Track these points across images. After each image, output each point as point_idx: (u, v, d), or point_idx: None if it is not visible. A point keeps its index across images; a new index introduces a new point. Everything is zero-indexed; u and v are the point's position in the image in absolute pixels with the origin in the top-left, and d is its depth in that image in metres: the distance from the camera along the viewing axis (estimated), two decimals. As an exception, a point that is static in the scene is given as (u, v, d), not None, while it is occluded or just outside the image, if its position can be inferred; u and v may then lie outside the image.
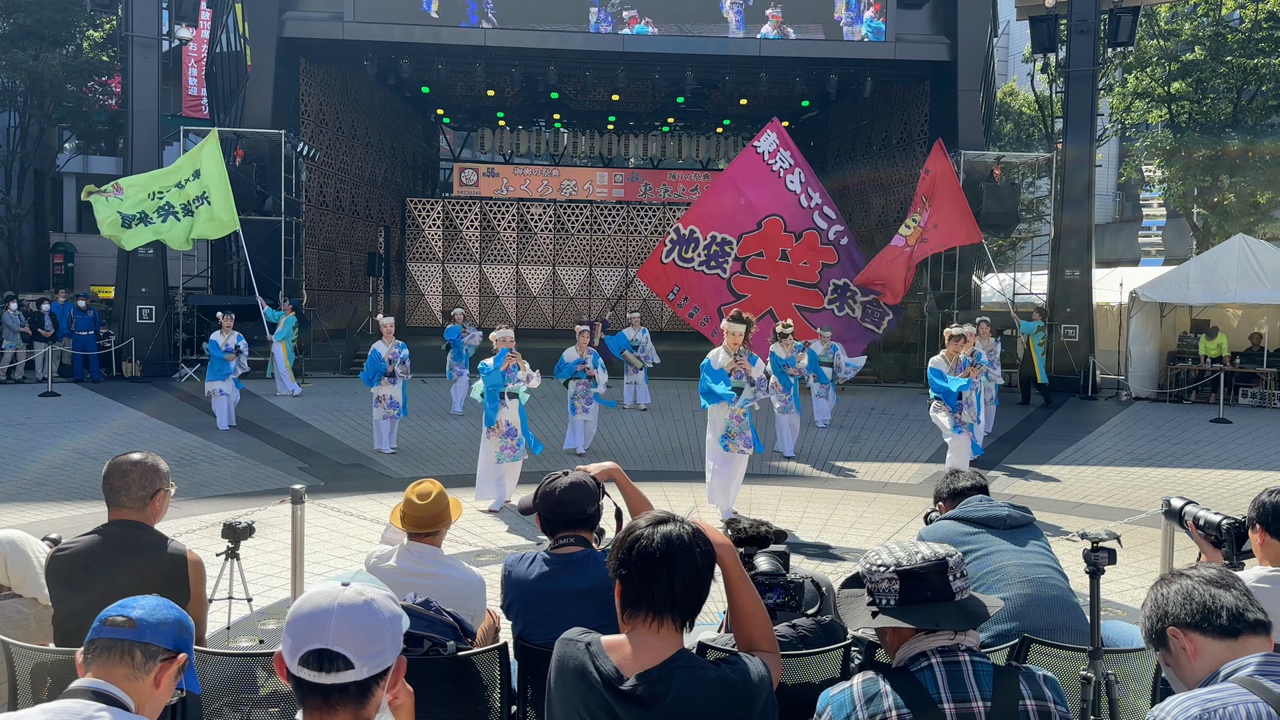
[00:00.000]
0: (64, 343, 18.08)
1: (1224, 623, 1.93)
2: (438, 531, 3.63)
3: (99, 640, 2.02)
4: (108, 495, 3.23)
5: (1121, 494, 9.83)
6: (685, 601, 2.06)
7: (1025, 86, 32.81)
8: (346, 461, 11.03)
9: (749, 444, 8.20)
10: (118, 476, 3.21)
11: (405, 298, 25.86)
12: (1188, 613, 1.96)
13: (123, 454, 3.30)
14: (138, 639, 2.02)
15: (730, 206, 14.56)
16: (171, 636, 2.08)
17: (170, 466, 3.42)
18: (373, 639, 1.63)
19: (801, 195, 14.81)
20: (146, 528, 3.23)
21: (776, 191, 14.67)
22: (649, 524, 2.09)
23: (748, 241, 14.62)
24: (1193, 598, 1.97)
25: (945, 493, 3.95)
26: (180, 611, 2.15)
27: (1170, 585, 2.02)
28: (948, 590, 2.06)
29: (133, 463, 3.24)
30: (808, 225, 14.90)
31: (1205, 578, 2.00)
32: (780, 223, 14.76)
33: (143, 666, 2.02)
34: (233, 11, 22.06)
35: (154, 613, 2.08)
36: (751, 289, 14.57)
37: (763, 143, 14.84)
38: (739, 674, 2.06)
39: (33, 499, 8.80)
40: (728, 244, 14.54)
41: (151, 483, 3.23)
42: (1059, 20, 19.11)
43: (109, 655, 2.00)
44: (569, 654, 2.11)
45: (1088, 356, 18.15)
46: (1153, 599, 2.04)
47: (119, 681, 1.99)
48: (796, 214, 14.84)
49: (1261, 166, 24.07)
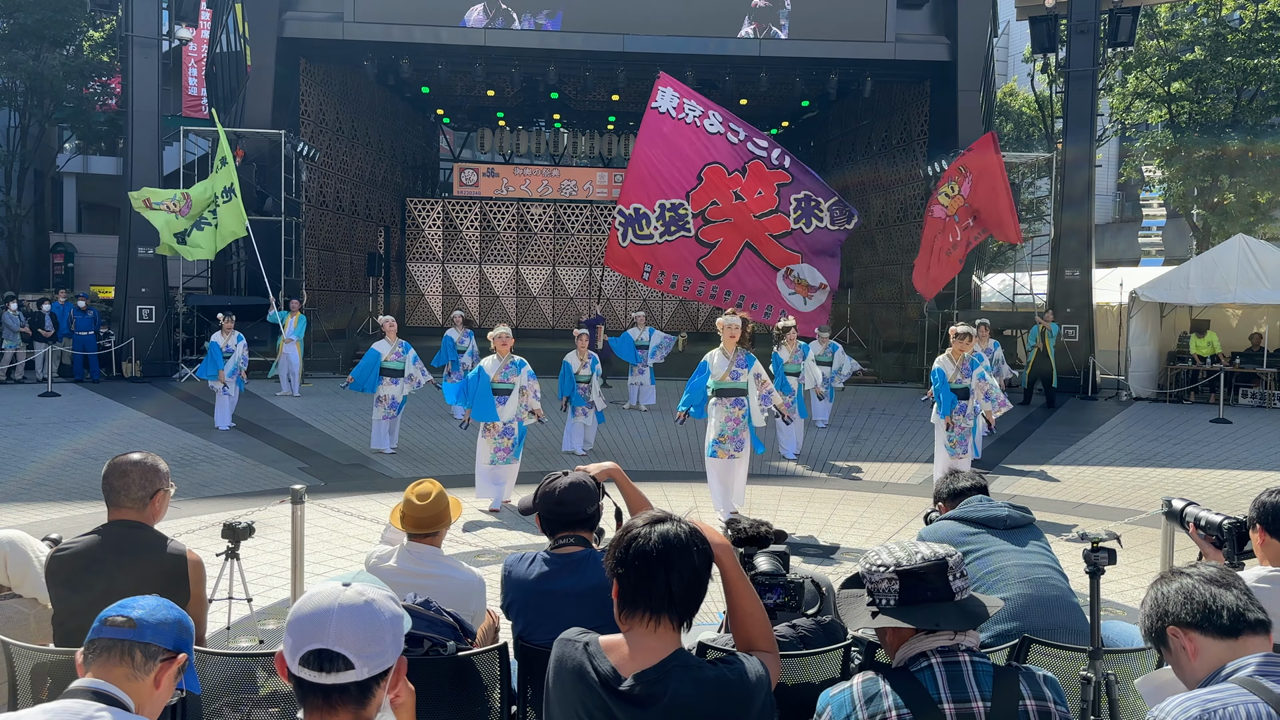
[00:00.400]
0: (64, 343, 18.08)
1: (1224, 622, 1.92)
2: (437, 532, 3.63)
3: (99, 640, 2.03)
4: (107, 495, 3.23)
5: (1121, 494, 9.83)
6: (682, 601, 2.06)
7: (1025, 87, 32.81)
8: (346, 462, 11.02)
9: (739, 447, 8.18)
10: (117, 476, 3.21)
11: (405, 298, 25.86)
12: (1188, 612, 1.96)
13: (122, 454, 3.30)
14: (138, 639, 2.02)
15: (664, 171, 14.00)
16: (171, 637, 2.08)
17: (170, 466, 3.42)
18: (373, 639, 1.63)
19: (727, 134, 14.30)
20: (146, 528, 3.23)
21: (702, 140, 14.12)
22: (646, 523, 2.09)
23: (696, 197, 14.09)
24: (1193, 597, 1.96)
25: (945, 493, 3.95)
26: (180, 612, 2.15)
27: (1170, 584, 2.02)
28: (948, 590, 2.07)
29: (132, 463, 3.24)
30: (747, 158, 14.38)
31: (1206, 577, 1.99)
32: (720, 169, 14.23)
33: (143, 667, 2.02)
34: (233, 11, 22.04)
35: (154, 613, 2.08)
36: (720, 234, 14.12)
37: (662, 100, 14.29)
38: (736, 674, 2.06)
39: (33, 499, 8.80)
40: (680, 206, 14.05)
41: (151, 483, 3.23)
42: (1059, 20, 19.11)
43: (109, 655, 2.01)
44: (567, 654, 2.11)
45: (1088, 357, 18.15)
46: (1153, 597, 2.04)
47: (119, 682, 1.99)
48: (730, 153, 14.26)
49: (1261, 166, 24.08)
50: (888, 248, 22.46)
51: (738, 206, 13.90)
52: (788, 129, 28.81)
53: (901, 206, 21.75)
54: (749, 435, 8.29)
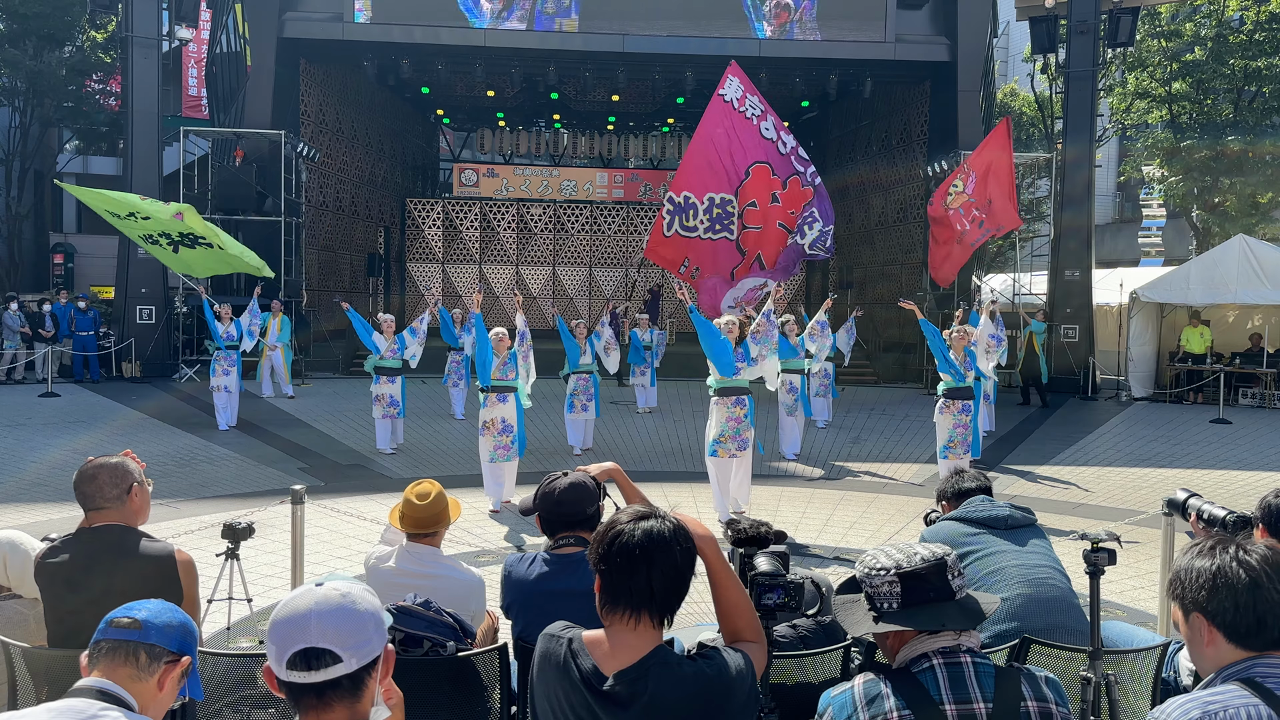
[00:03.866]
0: (64, 343, 18.08)
1: (1254, 635, 1.86)
2: (436, 532, 3.63)
3: (104, 641, 2.04)
4: (83, 502, 3.18)
5: (1121, 494, 9.83)
6: (663, 598, 2.05)
7: (1026, 87, 32.81)
8: (346, 462, 11.02)
9: (742, 447, 8.18)
10: (86, 482, 3.18)
11: (405, 298, 25.86)
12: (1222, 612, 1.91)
13: (89, 459, 3.26)
14: (142, 640, 2.04)
15: (718, 163, 13.84)
16: (176, 639, 2.09)
17: (170, 467, 3.42)
18: (356, 630, 1.64)
19: (778, 142, 14.38)
20: (131, 530, 3.19)
21: (754, 138, 14.19)
22: (630, 519, 2.09)
23: (743, 193, 14.24)
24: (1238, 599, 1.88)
25: (950, 493, 3.94)
26: (185, 616, 2.16)
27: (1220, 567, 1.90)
28: (948, 589, 2.06)
29: (98, 465, 3.20)
30: (790, 171, 14.44)
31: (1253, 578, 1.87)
32: (767, 169, 14.31)
33: (147, 668, 2.03)
34: (233, 12, 22.06)
35: (159, 615, 2.10)
36: (750, 242, 14.28)
37: (729, 89, 14.27)
38: (715, 669, 2.06)
39: (33, 499, 8.80)
40: (729, 203, 14.00)
41: (123, 479, 3.19)
42: (1059, 21, 19.11)
43: (114, 656, 2.02)
44: (551, 650, 2.12)
45: (1087, 357, 18.15)
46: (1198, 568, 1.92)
47: (123, 682, 2.00)
48: (779, 160, 14.34)
49: (1261, 167, 24.07)
50: (888, 247, 22.46)
51: (772, 210, 13.96)
52: (788, 129, 28.81)
53: (901, 206, 21.74)
54: (752, 434, 8.30)
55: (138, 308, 18.27)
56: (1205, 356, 17.42)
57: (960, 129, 18.85)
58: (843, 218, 25.10)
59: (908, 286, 20.47)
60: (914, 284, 19.96)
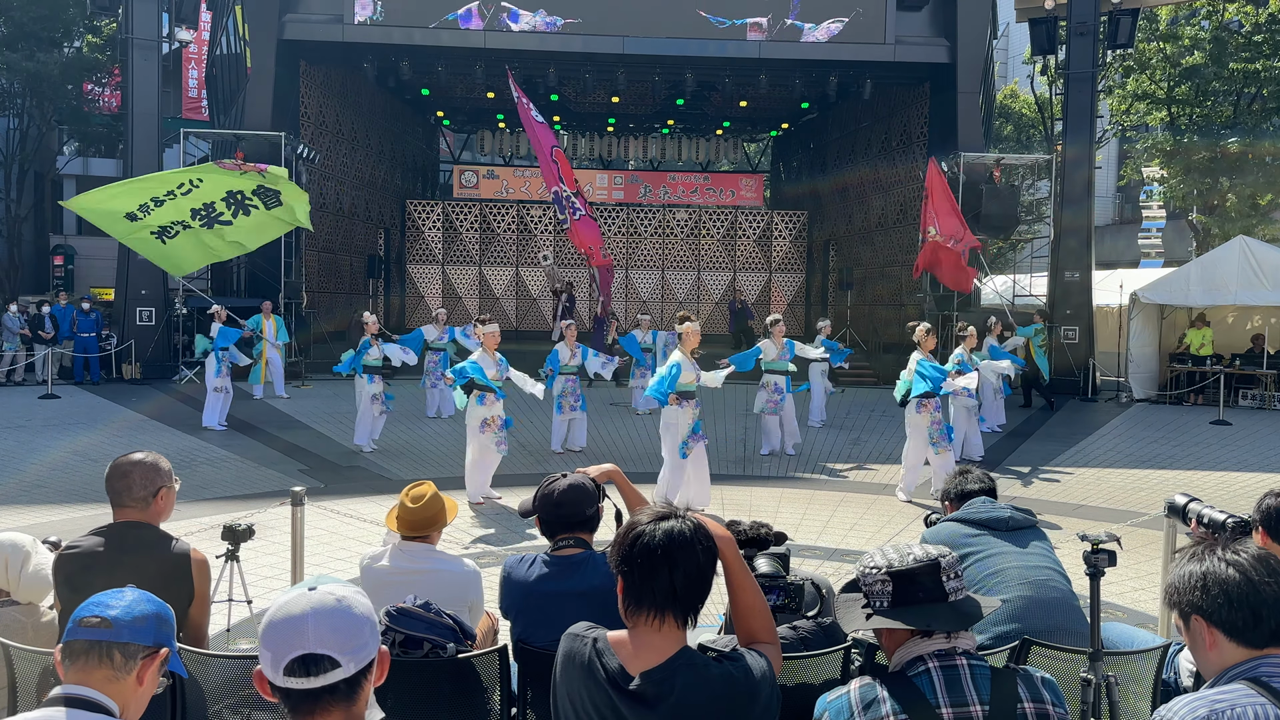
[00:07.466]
0: (64, 345, 18.08)
1: (1253, 633, 1.87)
2: (430, 534, 3.64)
3: (76, 643, 1.94)
4: (111, 497, 3.23)
5: (1122, 496, 9.83)
6: (686, 598, 2.05)
7: (1026, 89, 32.83)
8: (346, 464, 11.02)
9: (701, 438, 8.49)
10: (118, 478, 3.22)
11: (405, 299, 25.86)
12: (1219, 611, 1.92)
13: (124, 455, 3.30)
14: (115, 640, 1.94)
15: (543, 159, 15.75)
16: (150, 633, 2.00)
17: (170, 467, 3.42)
18: (353, 634, 1.61)
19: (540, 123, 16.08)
20: (150, 527, 3.23)
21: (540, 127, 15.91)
22: (651, 520, 2.08)
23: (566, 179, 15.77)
24: (1231, 598, 1.89)
25: (953, 493, 3.94)
26: (159, 604, 2.06)
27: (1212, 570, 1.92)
28: (940, 591, 2.06)
29: (133, 463, 3.24)
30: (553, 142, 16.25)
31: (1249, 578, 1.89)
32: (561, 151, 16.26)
33: (123, 667, 1.95)
34: (232, 14, 22.04)
35: (130, 610, 1.99)
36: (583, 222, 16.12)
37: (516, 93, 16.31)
38: (741, 671, 2.06)
39: (32, 501, 8.80)
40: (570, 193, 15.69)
41: (153, 481, 3.23)
42: (1058, 22, 19.12)
43: (87, 659, 1.93)
44: (575, 649, 2.12)
45: (1088, 358, 18.15)
46: (1190, 572, 1.94)
47: (100, 685, 1.92)
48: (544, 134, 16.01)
49: (1261, 168, 24.09)
50: (888, 248, 22.46)
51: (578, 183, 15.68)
52: (787, 130, 28.84)
53: (901, 206, 21.74)
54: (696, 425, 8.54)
55: (138, 309, 18.28)
56: (1208, 358, 17.42)
57: (960, 130, 18.86)
58: (843, 218, 25.15)
59: (908, 287, 20.48)
60: (914, 284, 19.96)
